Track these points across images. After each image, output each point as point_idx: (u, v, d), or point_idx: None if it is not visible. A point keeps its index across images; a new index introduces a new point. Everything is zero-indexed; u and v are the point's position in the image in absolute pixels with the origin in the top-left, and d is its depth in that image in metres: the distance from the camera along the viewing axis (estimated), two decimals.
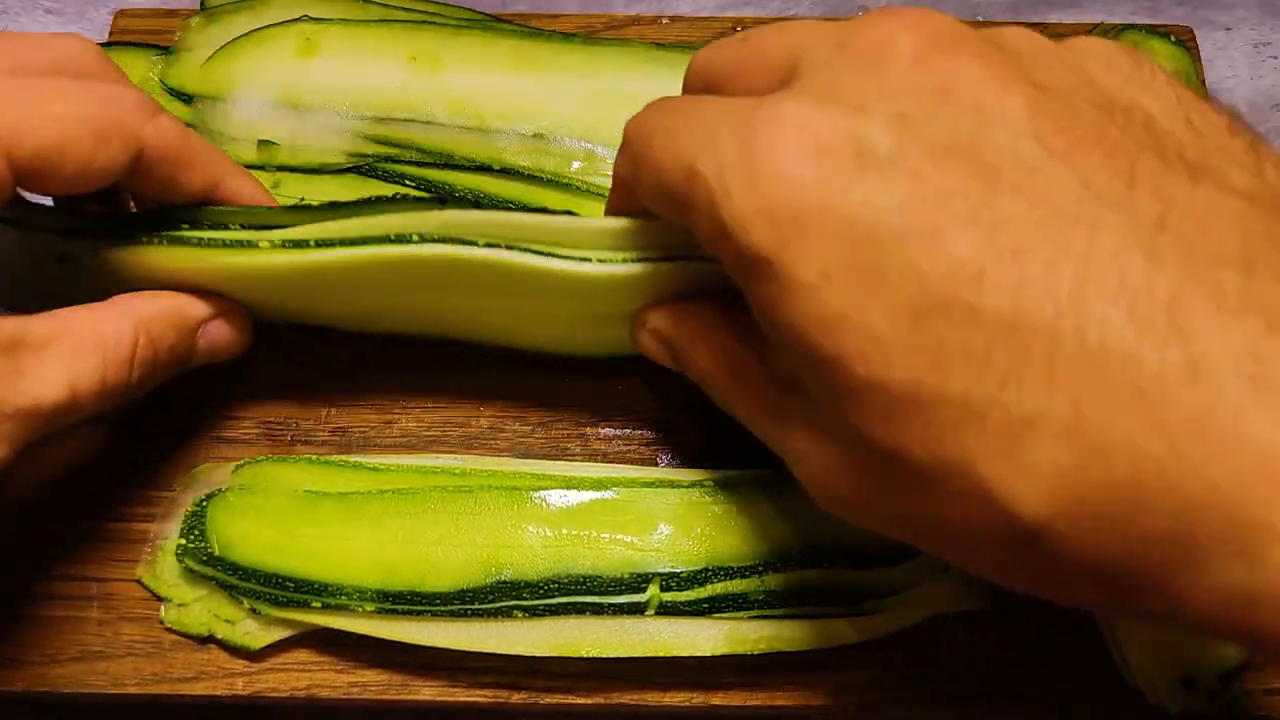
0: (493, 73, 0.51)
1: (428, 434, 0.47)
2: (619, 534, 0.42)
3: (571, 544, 0.41)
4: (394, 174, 0.51)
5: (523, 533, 0.41)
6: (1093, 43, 0.30)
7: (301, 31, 0.51)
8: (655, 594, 0.41)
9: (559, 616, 0.41)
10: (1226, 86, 0.62)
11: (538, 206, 0.42)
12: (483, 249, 0.38)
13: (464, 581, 0.41)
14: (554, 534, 0.41)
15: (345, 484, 0.43)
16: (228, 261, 0.39)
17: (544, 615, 0.41)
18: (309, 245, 0.39)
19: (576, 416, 0.47)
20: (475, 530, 0.42)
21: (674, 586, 0.41)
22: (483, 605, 0.41)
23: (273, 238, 0.39)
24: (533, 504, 0.42)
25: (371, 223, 0.38)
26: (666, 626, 0.41)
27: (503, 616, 0.41)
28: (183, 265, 0.39)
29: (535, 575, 0.41)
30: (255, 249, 0.39)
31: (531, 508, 0.42)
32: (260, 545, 0.42)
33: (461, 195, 0.50)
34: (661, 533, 0.41)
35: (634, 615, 0.41)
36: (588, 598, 0.41)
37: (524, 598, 0.40)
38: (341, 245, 0.39)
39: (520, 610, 0.41)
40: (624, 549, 0.41)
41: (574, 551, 0.41)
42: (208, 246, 0.39)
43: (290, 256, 0.39)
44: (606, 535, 0.42)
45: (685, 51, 0.52)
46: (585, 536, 0.42)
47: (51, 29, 0.62)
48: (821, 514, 0.33)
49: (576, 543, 0.41)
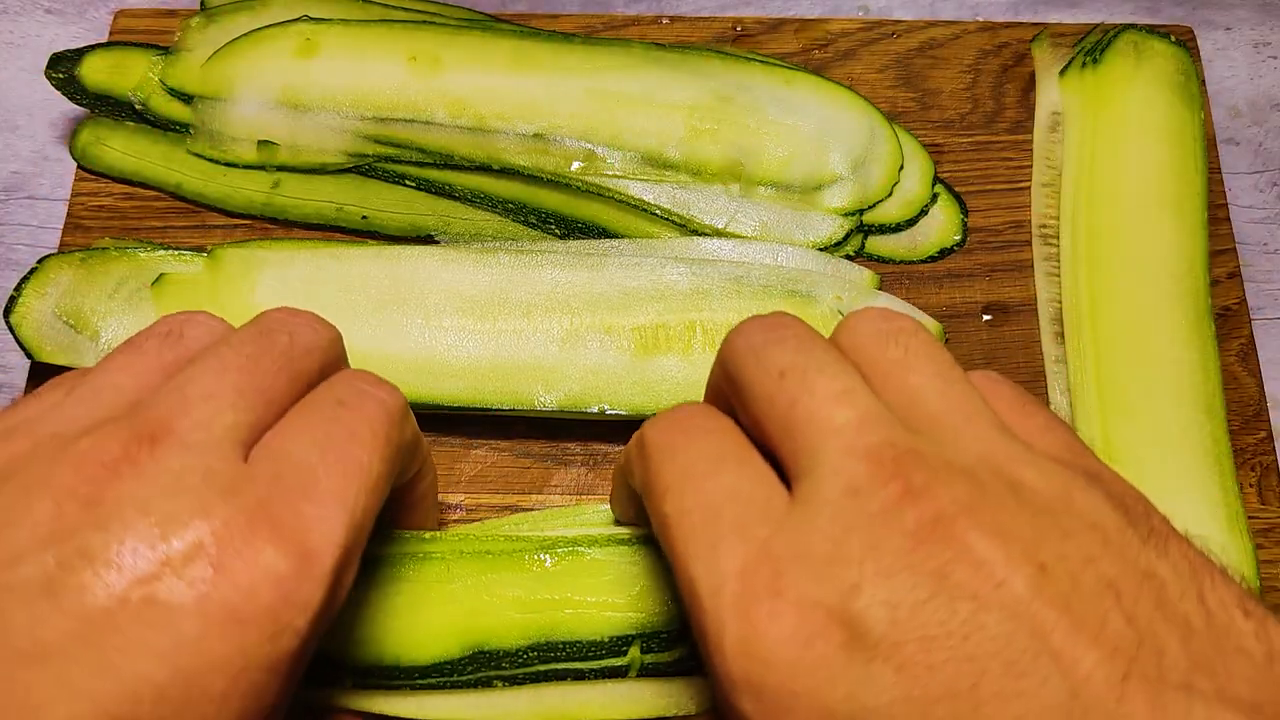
0: (493, 73, 0.51)
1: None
2: (597, 596, 0.40)
3: (549, 609, 0.40)
4: (394, 174, 0.51)
5: (498, 600, 0.40)
6: (1119, 494, 0.28)
7: (301, 31, 0.51)
8: (636, 656, 0.40)
9: (539, 685, 0.40)
10: (1226, 86, 0.62)
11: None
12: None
13: (440, 654, 0.39)
14: (530, 599, 0.40)
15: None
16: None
17: (524, 684, 0.40)
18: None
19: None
20: (448, 600, 0.40)
21: (655, 648, 0.39)
22: (461, 678, 0.39)
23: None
24: (507, 569, 0.40)
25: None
26: (650, 688, 0.40)
27: (483, 687, 0.40)
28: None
29: (513, 644, 0.39)
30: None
31: (506, 574, 0.40)
32: None
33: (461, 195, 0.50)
34: (641, 592, 0.40)
35: (616, 679, 0.40)
36: (568, 664, 0.39)
37: (503, 667, 0.39)
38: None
39: (500, 680, 0.39)
40: (603, 611, 0.40)
41: (552, 618, 0.40)
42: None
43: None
44: (584, 598, 0.40)
45: (685, 52, 0.52)
46: (562, 600, 0.40)
47: (51, 29, 0.62)
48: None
49: (554, 607, 0.40)
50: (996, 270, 0.52)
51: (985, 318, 0.51)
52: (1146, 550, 0.26)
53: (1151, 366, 0.47)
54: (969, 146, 0.55)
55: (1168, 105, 0.52)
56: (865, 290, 0.49)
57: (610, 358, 0.46)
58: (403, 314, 0.46)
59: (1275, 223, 0.59)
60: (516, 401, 0.45)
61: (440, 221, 0.51)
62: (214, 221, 0.52)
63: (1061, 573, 0.25)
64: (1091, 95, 0.53)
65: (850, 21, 0.57)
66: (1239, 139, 0.61)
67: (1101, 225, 0.50)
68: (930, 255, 0.52)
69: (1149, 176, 0.51)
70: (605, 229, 0.51)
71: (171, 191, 0.53)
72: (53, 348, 0.46)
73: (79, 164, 0.53)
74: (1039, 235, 0.53)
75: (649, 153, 0.50)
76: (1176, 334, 0.48)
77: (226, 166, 0.52)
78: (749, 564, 0.27)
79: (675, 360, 0.46)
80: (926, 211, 0.52)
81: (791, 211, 0.50)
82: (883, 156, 0.51)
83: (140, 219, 0.52)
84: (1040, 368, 0.50)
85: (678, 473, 0.30)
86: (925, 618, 0.25)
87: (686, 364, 0.46)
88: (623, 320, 0.47)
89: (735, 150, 0.50)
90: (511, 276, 0.47)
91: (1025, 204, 0.53)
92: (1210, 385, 0.47)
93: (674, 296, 0.47)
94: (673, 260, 0.48)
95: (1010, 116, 0.55)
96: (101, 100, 0.53)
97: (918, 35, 0.57)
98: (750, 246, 0.49)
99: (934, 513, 0.26)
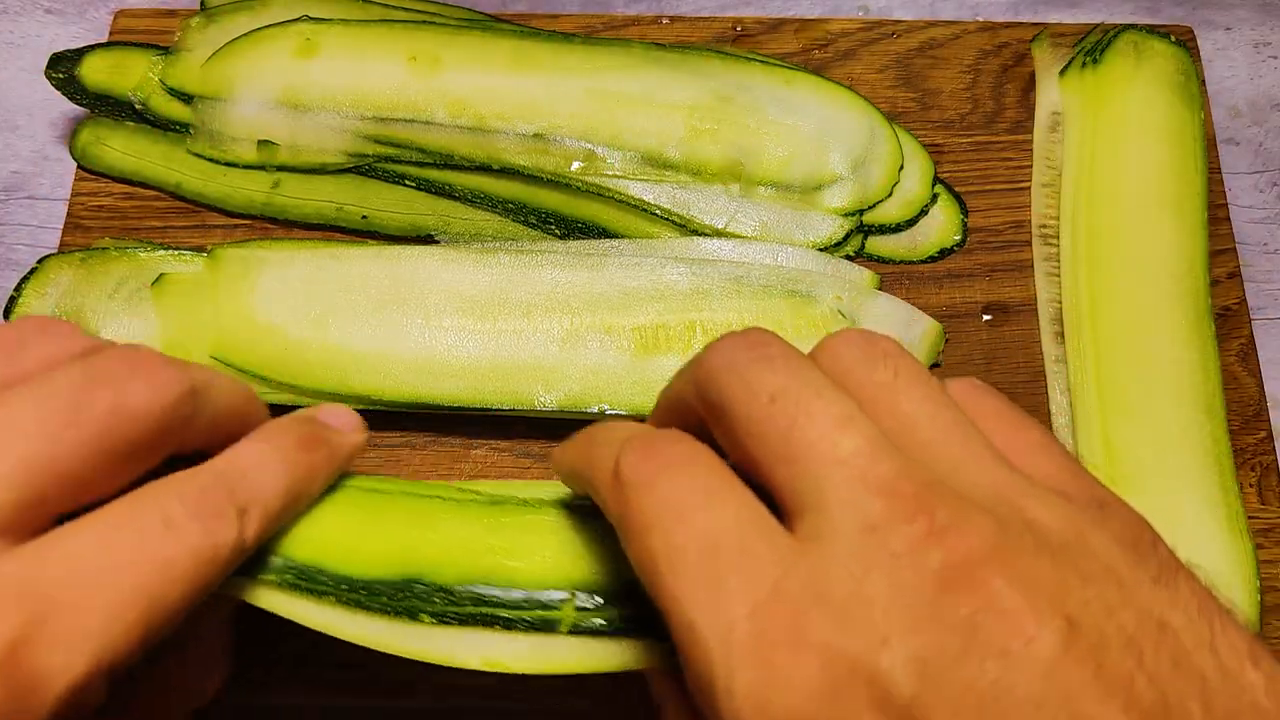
0: (493, 73, 0.51)
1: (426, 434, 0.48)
2: (540, 553, 0.40)
3: (491, 554, 0.40)
4: (394, 174, 0.51)
5: (442, 538, 0.40)
6: (1125, 533, 0.27)
7: (301, 31, 0.51)
8: (570, 613, 0.39)
9: (467, 626, 0.40)
10: (1226, 86, 0.62)
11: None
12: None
13: (376, 574, 0.39)
14: (474, 544, 0.40)
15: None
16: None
17: (452, 623, 0.40)
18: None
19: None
20: (394, 527, 0.40)
21: (590, 608, 0.40)
22: (390, 602, 0.39)
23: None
24: (456, 516, 0.41)
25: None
26: (579, 645, 0.40)
27: (407, 617, 0.40)
28: None
29: (449, 581, 0.39)
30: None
31: (454, 518, 0.41)
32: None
33: (461, 195, 0.50)
34: (583, 555, 0.40)
35: (546, 633, 0.40)
36: (500, 610, 0.39)
37: (435, 602, 0.39)
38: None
39: (428, 615, 0.39)
40: (544, 566, 0.40)
41: (492, 563, 0.40)
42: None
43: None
44: (528, 551, 0.40)
45: (685, 52, 0.52)
46: (506, 549, 0.40)
47: (52, 29, 0.62)
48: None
49: (496, 554, 0.40)
50: (996, 270, 0.52)
51: (985, 318, 0.51)
52: (1158, 594, 0.25)
53: (1151, 366, 0.47)
54: (969, 146, 0.55)
55: (1168, 105, 0.52)
56: (865, 290, 0.49)
57: (610, 358, 0.46)
58: (403, 314, 0.46)
59: (1275, 223, 0.59)
60: (516, 401, 0.45)
61: (440, 221, 0.51)
62: (214, 221, 0.52)
63: (1089, 627, 0.24)
64: (1091, 95, 0.53)
65: (850, 21, 0.57)
66: (1239, 139, 0.61)
67: (1101, 225, 0.50)
68: (930, 255, 0.52)
69: (1149, 176, 0.51)
70: (605, 229, 0.51)
71: (171, 191, 0.53)
72: None
73: (79, 164, 0.53)
74: (1039, 235, 0.53)
75: (649, 153, 0.50)
76: (1176, 334, 0.48)
77: (226, 166, 0.52)
78: (760, 606, 0.25)
79: (675, 360, 0.46)
80: (926, 212, 0.52)
81: (791, 211, 0.50)
82: (883, 156, 0.51)
83: (140, 219, 0.52)
84: (1040, 368, 0.50)
85: (662, 506, 0.28)
86: (955, 677, 0.23)
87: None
88: (623, 320, 0.47)
89: (735, 150, 0.50)
90: (511, 276, 0.47)
91: (1025, 204, 0.53)
92: (1210, 385, 0.47)
93: (674, 296, 0.47)
94: (673, 260, 0.48)
95: (1010, 116, 0.55)
96: (101, 100, 0.53)
97: (918, 35, 0.57)
98: (750, 246, 0.49)
99: (963, 554, 0.24)
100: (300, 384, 0.45)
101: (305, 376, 0.45)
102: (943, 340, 0.50)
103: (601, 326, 0.47)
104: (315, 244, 0.49)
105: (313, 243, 0.50)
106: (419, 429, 0.48)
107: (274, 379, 0.45)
